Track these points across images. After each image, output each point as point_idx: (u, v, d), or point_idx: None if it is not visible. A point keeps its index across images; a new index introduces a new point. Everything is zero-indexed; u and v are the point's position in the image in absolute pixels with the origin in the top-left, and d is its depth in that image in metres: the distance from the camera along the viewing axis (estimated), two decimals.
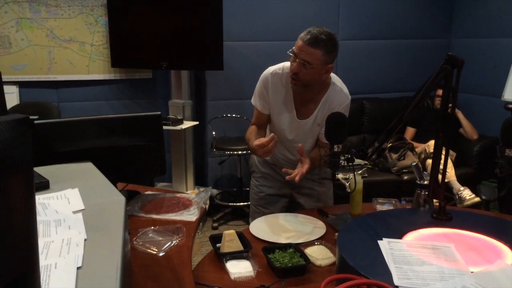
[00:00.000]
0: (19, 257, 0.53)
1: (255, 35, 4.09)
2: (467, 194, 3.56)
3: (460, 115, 4.07)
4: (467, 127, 4.04)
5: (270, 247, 1.55)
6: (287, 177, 1.84)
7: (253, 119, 2.12)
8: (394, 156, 3.86)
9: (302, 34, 1.82)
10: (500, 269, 1.13)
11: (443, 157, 1.58)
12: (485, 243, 1.31)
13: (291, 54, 1.85)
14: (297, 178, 1.80)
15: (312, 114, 2.00)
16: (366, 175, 3.70)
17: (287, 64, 1.96)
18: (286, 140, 2.07)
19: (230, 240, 1.56)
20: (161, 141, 1.81)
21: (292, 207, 2.24)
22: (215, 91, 4.10)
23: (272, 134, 1.81)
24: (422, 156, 3.86)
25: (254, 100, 2.07)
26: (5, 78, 3.72)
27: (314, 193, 2.22)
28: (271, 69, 2.01)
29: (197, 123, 4.00)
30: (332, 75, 2.00)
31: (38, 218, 1.03)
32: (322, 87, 1.97)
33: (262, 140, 1.79)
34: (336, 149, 1.63)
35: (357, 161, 1.76)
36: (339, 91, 1.98)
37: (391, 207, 1.95)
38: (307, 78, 1.84)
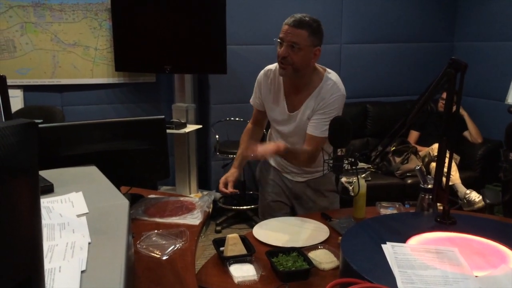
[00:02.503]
0: (24, 261, 0.53)
1: (258, 39, 4.10)
2: (475, 196, 3.53)
3: (466, 117, 4.06)
4: (473, 130, 4.03)
5: (274, 251, 1.55)
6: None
7: (253, 117, 2.22)
8: (398, 159, 3.85)
9: (286, 20, 1.90)
10: (504, 273, 1.12)
11: (447, 160, 1.58)
12: (489, 247, 1.31)
13: (278, 41, 1.90)
14: (251, 153, 1.83)
15: (302, 105, 1.96)
16: (370, 178, 3.69)
17: None
18: (283, 135, 2.06)
19: (233, 243, 1.56)
20: (164, 145, 1.81)
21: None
22: (218, 94, 4.11)
23: (232, 190, 2.01)
24: (426, 159, 3.85)
25: (253, 101, 2.16)
26: (9, 82, 3.72)
27: (315, 207, 2.14)
28: (266, 68, 2.09)
29: (200, 126, 4.00)
30: (331, 72, 1.99)
31: (43, 221, 1.03)
32: (315, 79, 1.95)
33: (228, 189, 1.99)
34: (339, 153, 1.63)
35: (361, 164, 1.76)
36: (331, 84, 1.92)
37: (395, 211, 1.94)
38: (296, 61, 1.85)
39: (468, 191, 3.59)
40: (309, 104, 1.95)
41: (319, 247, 1.62)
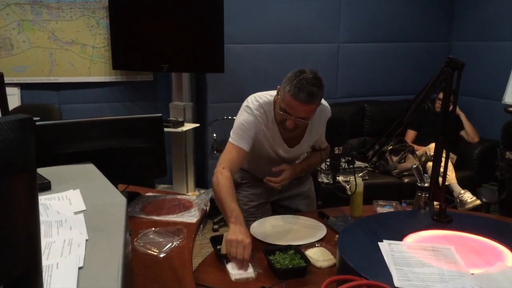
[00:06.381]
0: (22, 257, 0.53)
1: (256, 37, 4.10)
2: (468, 197, 3.55)
3: (463, 117, 4.07)
4: (469, 130, 4.04)
5: (271, 249, 1.55)
6: (268, 182, 1.92)
7: (228, 158, 1.84)
8: (395, 158, 3.86)
9: (292, 91, 1.68)
10: (500, 271, 1.13)
11: (443, 159, 1.59)
12: (485, 245, 1.31)
13: (282, 112, 1.74)
14: (276, 186, 1.92)
15: (302, 139, 1.98)
16: (367, 177, 3.70)
17: (262, 99, 1.90)
18: (279, 158, 2.02)
19: None
20: (162, 143, 1.81)
21: (280, 212, 2.20)
22: (216, 93, 4.11)
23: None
24: (423, 159, 3.86)
25: (240, 142, 1.84)
26: (6, 80, 3.69)
27: (300, 193, 2.21)
28: (254, 111, 1.87)
29: (198, 125, 4.00)
30: None
31: (40, 218, 1.03)
32: None
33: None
34: (337, 152, 1.63)
35: (358, 163, 1.77)
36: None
37: (392, 209, 1.95)
38: (303, 125, 1.84)
39: (462, 191, 3.60)
40: (309, 137, 1.98)
41: (316, 245, 1.63)
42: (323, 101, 1.92)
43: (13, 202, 0.51)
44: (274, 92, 1.89)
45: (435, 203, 1.65)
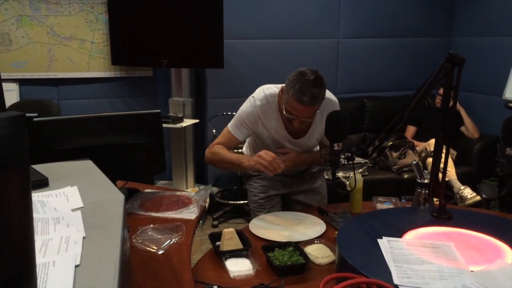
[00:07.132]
0: (15, 255, 0.53)
1: (255, 33, 4.09)
2: (468, 193, 3.55)
3: (463, 113, 4.06)
4: (470, 125, 4.04)
5: (270, 246, 1.55)
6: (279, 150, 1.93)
7: (221, 140, 2.03)
8: (395, 154, 3.86)
9: (296, 95, 1.73)
10: (500, 268, 1.12)
11: (443, 155, 1.58)
12: (485, 242, 1.31)
13: (287, 114, 1.81)
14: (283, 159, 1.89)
15: (308, 131, 1.99)
16: (367, 173, 3.69)
17: (269, 90, 1.94)
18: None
19: (229, 238, 1.56)
20: (161, 139, 1.81)
21: (291, 206, 2.23)
22: (215, 89, 4.10)
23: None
24: (423, 154, 3.85)
25: (234, 131, 1.98)
26: (5, 75, 3.72)
27: (311, 188, 2.23)
28: (256, 102, 1.93)
29: (197, 121, 3.99)
30: None
31: (37, 215, 1.03)
32: None
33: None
34: (336, 148, 1.62)
35: (358, 159, 1.76)
36: (325, 98, 1.92)
37: (391, 206, 1.95)
38: (309, 121, 1.87)
39: (462, 187, 3.60)
40: (315, 130, 1.99)
41: (315, 241, 1.62)
42: (332, 96, 1.98)
43: (5, 200, 0.50)
44: (281, 85, 1.94)
45: (435, 199, 1.64)
